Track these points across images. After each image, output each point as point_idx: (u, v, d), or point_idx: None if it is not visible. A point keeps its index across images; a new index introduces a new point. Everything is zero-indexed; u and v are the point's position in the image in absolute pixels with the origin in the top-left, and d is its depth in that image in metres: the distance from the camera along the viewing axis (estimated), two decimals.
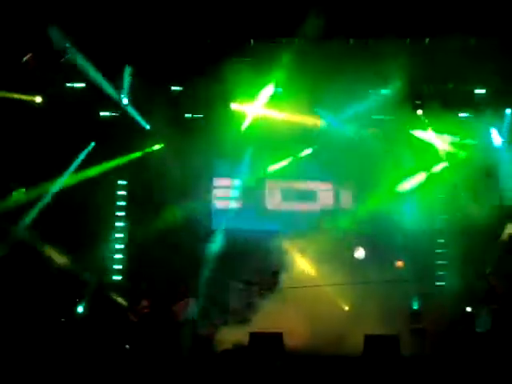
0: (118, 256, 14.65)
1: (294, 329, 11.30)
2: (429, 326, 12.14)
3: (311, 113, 13.80)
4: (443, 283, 14.01)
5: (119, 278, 14.49)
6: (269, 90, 13.26)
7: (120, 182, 14.92)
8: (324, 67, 12.30)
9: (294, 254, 13.02)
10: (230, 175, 14.96)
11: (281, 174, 14.80)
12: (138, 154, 14.32)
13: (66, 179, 13.71)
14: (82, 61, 12.26)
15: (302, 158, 14.66)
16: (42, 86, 12.98)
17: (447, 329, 11.82)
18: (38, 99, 13.21)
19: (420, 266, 13.61)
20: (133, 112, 13.70)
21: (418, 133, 14.06)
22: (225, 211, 14.80)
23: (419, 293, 12.91)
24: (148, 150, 14.45)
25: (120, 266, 14.62)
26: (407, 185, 14.04)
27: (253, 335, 10.90)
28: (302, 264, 12.96)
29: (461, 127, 13.56)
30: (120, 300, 13.03)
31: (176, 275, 13.28)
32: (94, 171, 13.85)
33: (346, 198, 14.91)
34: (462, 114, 13.83)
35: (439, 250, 14.49)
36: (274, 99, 13.53)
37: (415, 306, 12.85)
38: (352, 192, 14.88)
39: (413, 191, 13.99)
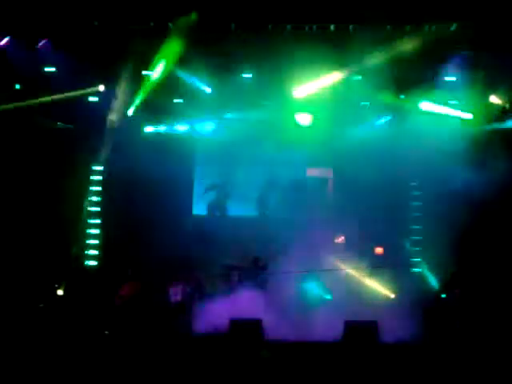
0: (94, 242, 14.55)
1: (274, 315, 11.32)
2: (406, 312, 12.28)
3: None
4: (419, 269, 14.24)
5: (95, 263, 14.42)
6: None
7: (95, 168, 14.72)
8: (303, 53, 12.18)
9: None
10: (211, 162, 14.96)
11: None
12: None
13: None
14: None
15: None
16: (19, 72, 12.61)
17: (424, 315, 11.97)
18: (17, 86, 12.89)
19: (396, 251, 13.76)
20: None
21: None
22: (206, 197, 14.84)
23: (396, 279, 12.97)
24: None
25: (96, 252, 14.55)
26: None
27: (232, 322, 10.91)
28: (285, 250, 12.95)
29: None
30: None
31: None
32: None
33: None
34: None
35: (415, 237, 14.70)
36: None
37: (392, 293, 12.95)
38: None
39: None
